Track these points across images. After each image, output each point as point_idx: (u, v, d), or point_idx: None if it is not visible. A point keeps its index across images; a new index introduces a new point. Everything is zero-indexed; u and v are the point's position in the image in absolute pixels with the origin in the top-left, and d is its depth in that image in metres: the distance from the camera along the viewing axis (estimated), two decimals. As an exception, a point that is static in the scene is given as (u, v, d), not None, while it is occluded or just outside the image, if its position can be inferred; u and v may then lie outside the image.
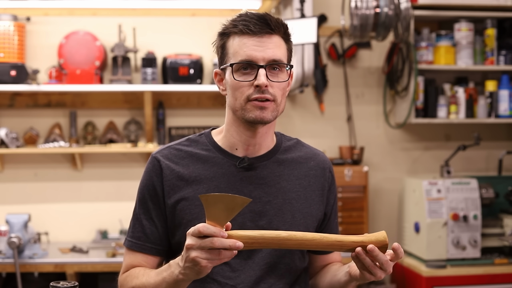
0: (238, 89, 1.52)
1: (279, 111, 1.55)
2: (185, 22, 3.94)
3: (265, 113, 1.51)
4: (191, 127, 4.00)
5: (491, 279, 3.57)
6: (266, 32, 1.51)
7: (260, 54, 1.50)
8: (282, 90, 1.54)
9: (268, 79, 1.50)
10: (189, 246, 1.33)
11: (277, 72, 1.53)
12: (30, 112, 3.91)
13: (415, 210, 3.74)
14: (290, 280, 1.60)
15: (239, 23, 1.51)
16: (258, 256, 1.56)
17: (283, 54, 1.54)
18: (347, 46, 4.07)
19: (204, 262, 1.32)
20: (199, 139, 1.65)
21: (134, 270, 1.59)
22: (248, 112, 1.52)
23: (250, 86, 1.50)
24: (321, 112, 4.11)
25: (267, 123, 1.53)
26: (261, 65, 1.50)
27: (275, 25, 1.52)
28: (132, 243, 1.62)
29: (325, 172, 1.68)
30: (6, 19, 3.70)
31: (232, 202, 1.31)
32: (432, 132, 4.18)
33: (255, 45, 1.50)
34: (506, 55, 3.93)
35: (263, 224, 1.55)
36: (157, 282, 1.47)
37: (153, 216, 1.60)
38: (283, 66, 1.54)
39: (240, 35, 1.52)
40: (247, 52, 1.50)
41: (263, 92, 1.50)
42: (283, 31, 1.55)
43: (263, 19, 1.51)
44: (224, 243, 1.30)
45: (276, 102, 1.53)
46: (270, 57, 1.51)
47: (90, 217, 3.94)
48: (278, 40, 1.53)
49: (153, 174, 1.60)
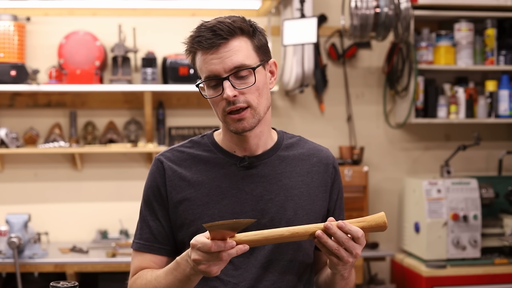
0: (214, 104, 1.54)
1: (261, 113, 1.54)
2: (185, 22, 3.93)
3: (244, 123, 1.52)
4: (191, 127, 4.01)
5: (491, 279, 3.57)
6: (221, 43, 1.49)
7: (219, 67, 1.49)
8: (256, 92, 1.52)
9: (235, 89, 1.49)
10: (197, 261, 1.36)
11: (244, 77, 1.51)
12: (30, 112, 3.91)
13: (415, 210, 3.74)
14: (294, 277, 1.60)
15: (194, 41, 1.52)
16: (260, 253, 1.56)
17: (245, 56, 1.51)
18: (347, 46, 4.07)
19: (215, 270, 1.37)
20: (201, 141, 1.66)
21: (143, 272, 1.59)
22: (229, 125, 1.53)
23: (222, 99, 1.51)
24: (321, 112, 4.11)
25: (250, 130, 1.54)
26: (224, 78, 1.49)
27: (227, 32, 1.49)
28: (140, 245, 1.62)
29: (328, 167, 1.67)
30: (6, 19, 3.70)
31: (236, 224, 1.34)
32: (432, 132, 4.18)
33: (213, 58, 1.49)
34: (506, 55, 3.93)
35: (266, 222, 1.56)
36: (168, 282, 1.49)
37: (159, 216, 1.61)
38: (250, 69, 1.51)
39: (198, 52, 1.52)
40: (208, 68, 1.50)
41: (233, 103, 1.50)
42: (240, 31, 1.51)
43: (212, 30, 1.49)
44: (231, 254, 1.35)
45: (252, 107, 1.52)
46: (229, 66, 1.49)
47: (90, 217, 3.94)
48: (238, 43, 1.51)
49: (157, 175, 1.62)
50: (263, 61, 1.55)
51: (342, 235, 1.38)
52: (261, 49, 1.55)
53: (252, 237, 1.38)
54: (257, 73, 1.52)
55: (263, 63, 1.55)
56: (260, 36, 1.56)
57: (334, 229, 1.38)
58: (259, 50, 1.54)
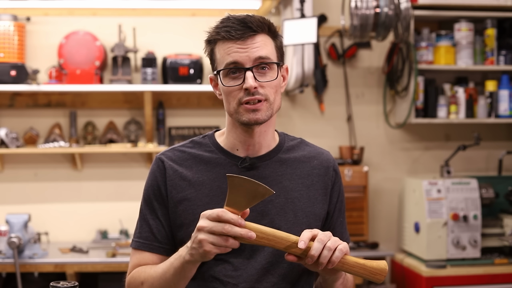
0: (229, 94, 1.55)
1: (274, 109, 1.57)
2: (185, 22, 3.94)
3: (258, 114, 1.53)
4: (191, 127, 4.01)
5: (491, 279, 3.57)
6: (249, 35, 1.52)
7: (245, 56, 1.52)
8: (274, 88, 1.55)
9: (256, 80, 1.52)
10: (200, 227, 1.37)
11: (266, 72, 1.54)
12: (30, 112, 3.91)
13: (415, 210, 3.74)
14: (293, 279, 1.60)
15: (221, 30, 1.54)
16: (260, 255, 1.56)
17: (269, 51, 1.55)
18: (347, 46, 4.07)
19: (209, 247, 1.37)
20: (202, 141, 1.67)
21: (140, 267, 1.60)
22: (242, 115, 1.54)
23: (240, 89, 1.53)
24: (321, 112, 4.11)
25: (262, 123, 1.55)
26: (248, 68, 1.52)
27: (257, 26, 1.53)
28: (139, 243, 1.62)
29: (329, 170, 1.68)
30: (6, 19, 3.70)
31: (255, 190, 1.34)
32: (432, 132, 4.18)
33: (239, 48, 1.52)
34: (506, 55, 3.93)
35: (265, 224, 1.55)
36: (164, 269, 1.50)
37: (159, 215, 1.61)
38: (272, 64, 1.55)
39: (224, 41, 1.54)
40: (232, 56, 1.52)
41: (253, 94, 1.52)
42: (267, 29, 1.56)
43: (243, 22, 1.52)
44: (236, 231, 1.35)
45: (269, 101, 1.54)
46: (255, 56, 1.52)
47: (90, 217, 3.94)
48: (263, 38, 1.55)
49: (158, 174, 1.63)
50: (281, 63, 1.59)
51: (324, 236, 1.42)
52: (280, 51, 1.60)
53: (262, 229, 1.39)
54: (275, 71, 1.56)
55: (281, 64, 1.59)
56: (281, 39, 1.61)
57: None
58: (279, 52, 1.59)
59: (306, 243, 1.40)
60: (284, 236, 1.40)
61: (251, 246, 1.55)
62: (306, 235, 1.41)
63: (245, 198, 1.36)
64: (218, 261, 1.56)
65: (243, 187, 1.34)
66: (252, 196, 1.36)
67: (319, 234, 1.41)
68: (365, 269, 1.44)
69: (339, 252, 1.41)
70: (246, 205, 1.37)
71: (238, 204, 1.36)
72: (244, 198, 1.36)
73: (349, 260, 1.43)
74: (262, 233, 1.39)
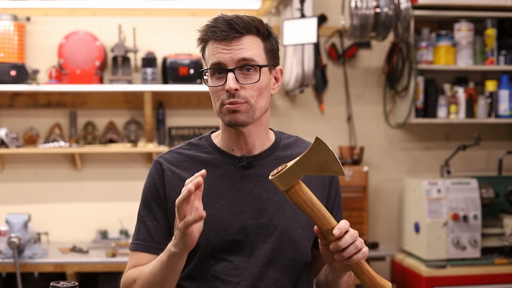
0: (214, 93, 1.56)
1: (256, 111, 1.55)
2: (185, 22, 3.94)
3: (237, 115, 1.53)
4: (191, 127, 4.01)
5: (491, 279, 3.57)
6: (234, 36, 1.52)
7: (228, 57, 1.52)
8: (257, 90, 1.54)
9: (238, 82, 1.52)
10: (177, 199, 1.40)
11: (250, 73, 1.54)
12: (30, 112, 3.91)
13: (415, 210, 3.74)
14: (294, 276, 1.60)
15: (209, 30, 1.54)
16: (260, 252, 1.56)
17: (255, 53, 1.54)
18: (347, 46, 4.07)
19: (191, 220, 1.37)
20: (199, 143, 1.68)
21: (135, 267, 1.61)
22: (224, 116, 1.55)
23: (223, 90, 1.53)
24: (321, 112, 4.11)
25: (242, 125, 1.55)
26: (230, 69, 1.52)
27: (243, 27, 1.52)
28: (137, 245, 1.63)
29: None
30: (6, 19, 3.70)
31: (331, 163, 1.35)
32: (432, 132, 4.18)
33: (223, 49, 1.52)
34: (506, 55, 3.93)
35: (265, 221, 1.57)
36: (154, 265, 1.51)
37: (157, 216, 1.62)
38: (257, 66, 1.54)
39: (212, 41, 1.54)
40: (217, 57, 1.53)
41: (233, 96, 1.52)
42: (255, 30, 1.54)
43: (229, 23, 1.52)
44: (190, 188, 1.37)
45: (250, 104, 1.53)
46: (238, 58, 1.52)
47: (90, 217, 3.94)
48: (251, 40, 1.54)
49: (156, 176, 1.64)
50: (271, 65, 1.58)
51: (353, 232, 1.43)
52: (271, 53, 1.59)
53: (312, 199, 1.40)
54: (263, 73, 1.55)
55: (269, 66, 1.58)
56: (273, 41, 1.60)
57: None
58: (269, 54, 1.58)
59: (342, 233, 1.40)
60: (326, 216, 1.41)
61: (251, 243, 1.55)
62: (344, 226, 1.41)
63: (317, 166, 1.36)
64: (219, 260, 1.56)
65: (322, 155, 1.33)
66: (324, 167, 1.36)
67: (351, 229, 1.43)
68: (372, 281, 1.44)
69: (362, 254, 1.42)
70: (313, 171, 1.37)
71: (307, 167, 1.36)
72: (317, 165, 1.36)
73: (363, 266, 1.44)
74: (311, 202, 1.40)
